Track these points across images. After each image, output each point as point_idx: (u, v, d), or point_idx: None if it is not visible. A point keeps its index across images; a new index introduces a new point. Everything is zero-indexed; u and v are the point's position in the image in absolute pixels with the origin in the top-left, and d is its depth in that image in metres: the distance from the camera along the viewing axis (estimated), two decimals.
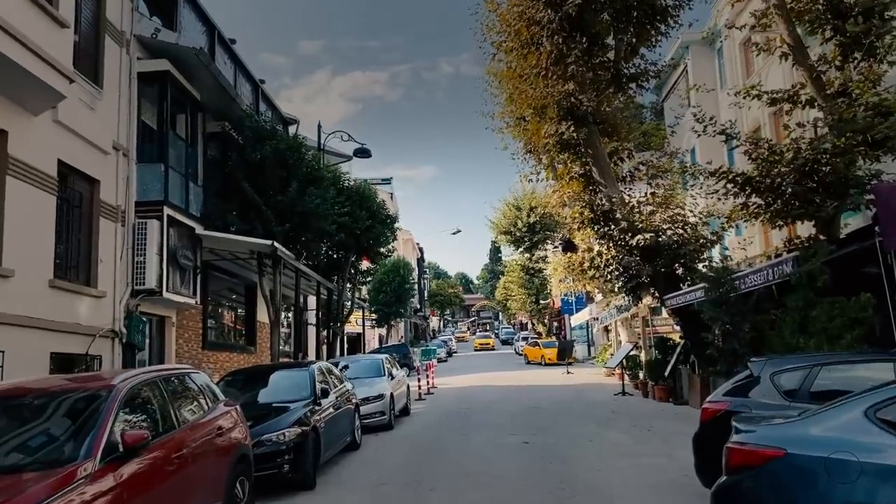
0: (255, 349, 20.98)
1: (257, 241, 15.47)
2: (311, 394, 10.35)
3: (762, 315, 10.33)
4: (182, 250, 14.75)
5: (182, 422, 6.11)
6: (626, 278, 19.14)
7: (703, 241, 18.17)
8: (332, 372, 12.38)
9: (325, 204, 17.12)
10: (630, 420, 15.10)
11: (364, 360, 17.93)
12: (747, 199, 14.13)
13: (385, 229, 23.37)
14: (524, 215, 58.18)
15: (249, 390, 10.96)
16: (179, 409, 6.25)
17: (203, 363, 17.34)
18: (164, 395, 6.07)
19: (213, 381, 11.83)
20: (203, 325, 17.40)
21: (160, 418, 5.84)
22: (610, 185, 18.62)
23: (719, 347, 8.70)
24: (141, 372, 6.12)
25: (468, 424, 15.08)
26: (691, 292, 16.26)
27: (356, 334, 42.17)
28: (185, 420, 6.22)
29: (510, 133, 33.03)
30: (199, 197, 16.27)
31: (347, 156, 28.68)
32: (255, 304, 20.71)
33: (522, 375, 32.65)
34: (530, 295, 60.39)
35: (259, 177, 16.29)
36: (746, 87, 14.25)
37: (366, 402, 14.28)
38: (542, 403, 19.12)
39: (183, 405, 6.41)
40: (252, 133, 16.60)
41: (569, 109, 18.15)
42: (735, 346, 8.18)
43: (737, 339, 8.22)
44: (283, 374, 11.40)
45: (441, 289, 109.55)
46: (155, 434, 5.49)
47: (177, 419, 6.02)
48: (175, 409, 6.12)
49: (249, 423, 8.88)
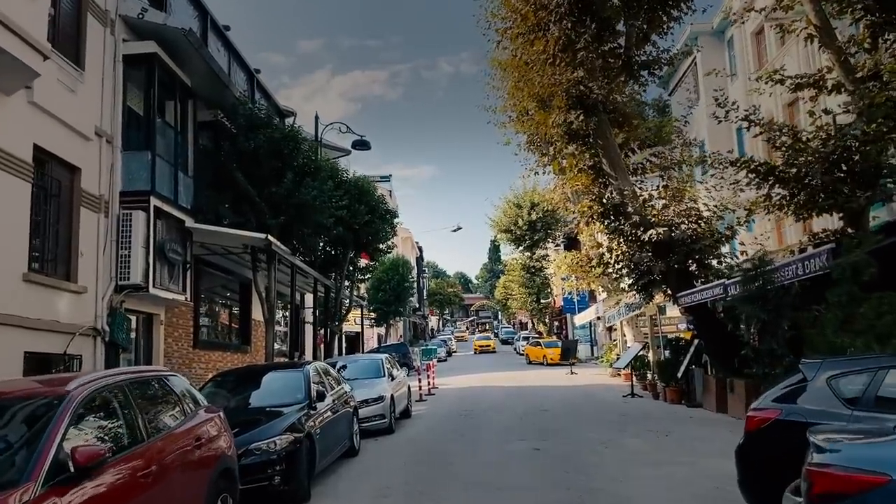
0: (250, 348, 20.14)
1: (250, 235, 14.64)
2: (305, 397, 9.52)
3: (802, 312, 9.49)
4: (170, 244, 13.90)
5: (153, 433, 5.28)
6: (636, 275, 18.33)
7: (719, 236, 17.35)
8: (328, 373, 11.55)
9: (322, 196, 16.27)
10: (644, 423, 14.28)
11: (363, 359, 17.09)
12: (770, 189, 13.33)
13: (385, 224, 22.47)
14: (525, 213, 57.34)
15: (239, 393, 10.15)
16: (150, 417, 5.43)
17: (194, 363, 16.53)
18: (132, 402, 5.23)
19: (203, 383, 11.04)
20: (194, 324, 16.55)
21: (126, 430, 5.00)
22: (621, 177, 17.80)
23: (755, 347, 7.91)
24: (103, 375, 5.27)
25: (474, 428, 14.26)
26: (707, 289, 15.48)
27: (355, 333, 41.33)
28: (158, 430, 5.39)
29: (513, 127, 32.44)
30: (190, 188, 15.42)
31: (346, 150, 27.83)
32: (250, 302, 19.87)
33: (525, 376, 31.84)
34: (531, 294, 59.57)
35: (253, 167, 15.45)
36: (768, 71, 13.43)
37: (365, 404, 13.46)
38: (549, 405, 18.29)
39: (155, 413, 5.59)
40: (245, 121, 15.75)
41: (578, 98, 17.32)
42: (773, 345, 7.40)
43: (775, 339, 7.46)
44: (276, 375, 10.57)
45: (440, 288, 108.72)
46: (118, 449, 4.67)
47: (146, 430, 5.19)
48: (145, 418, 5.29)
49: (237, 429, 8.07)
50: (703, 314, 17.57)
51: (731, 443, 11.91)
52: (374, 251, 23.41)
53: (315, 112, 22.88)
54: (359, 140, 21.24)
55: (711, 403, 16.53)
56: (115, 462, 4.49)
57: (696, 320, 17.86)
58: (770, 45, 22.88)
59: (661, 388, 19.70)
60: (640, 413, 16.27)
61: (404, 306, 54.65)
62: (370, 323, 49.58)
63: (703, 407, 16.98)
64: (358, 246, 22.35)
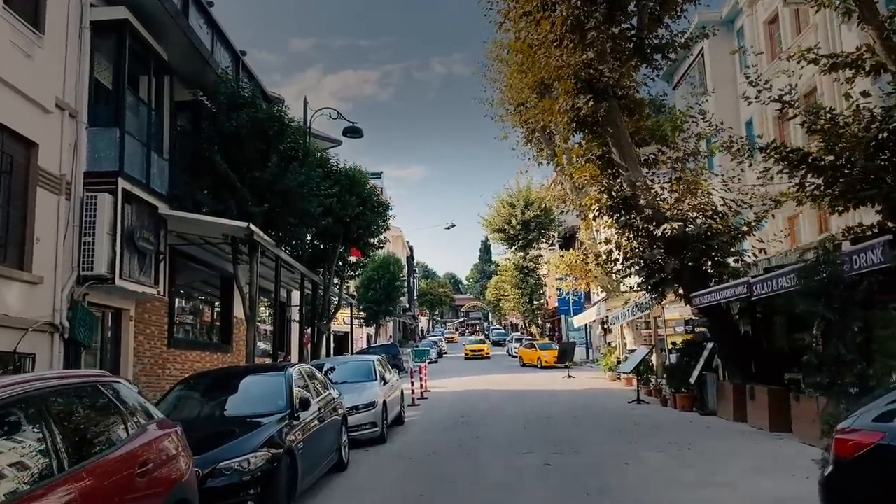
0: (231, 348, 18.78)
1: (231, 223, 13.30)
2: (286, 405, 8.23)
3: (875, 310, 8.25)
4: (141, 231, 12.56)
5: (80, 459, 3.99)
6: (647, 273, 17.11)
7: (737, 232, 16.16)
8: (314, 376, 10.25)
9: (310, 182, 14.95)
10: (660, 434, 13.06)
11: (353, 361, 15.77)
12: (802, 179, 12.14)
13: (377, 218, 21.11)
14: (519, 212, 56.20)
15: (212, 399, 8.84)
16: (78, 438, 4.13)
17: (168, 363, 15.18)
18: (51, 418, 3.93)
19: (174, 385, 9.70)
20: (169, 320, 15.20)
21: (37, 456, 3.71)
22: (632, 167, 16.58)
23: (819, 353, 6.78)
24: (11, 383, 3.95)
25: (474, 438, 12.98)
26: (727, 289, 14.28)
27: (343, 333, 40.01)
28: (87, 455, 4.10)
29: (511, 119, 31.31)
30: (164, 171, 14.09)
31: (336, 140, 26.50)
32: (232, 298, 18.49)
33: (520, 379, 30.62)
34: (524, 295, 58.44)
35: (234, 150, 14.13)
36: (801, 49, 12.24)
37: (354, 411, 12.17)
38: (552, 412, 17.06)
39: (85, 433, 4.30)
40: (227, 99, 14.42)
41: (587, 81, 16.07)
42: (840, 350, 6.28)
43: (843, 342, 6.36)
44: (254, 379, 9.27)
45: (431, 288, 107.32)
46: (26, 484, 3.37)
47: (69, 456, 3.89)
48: (69, 439, 4.00)
49: (205, 443, 6.80)
50: (719, 316, 16.39)
51: (764, 458, 10.81)
52: (365, 246, 22.05)
53: (304, 97, 21.47)
54: (350, 127, 19.93)
55: (728, 411, 15.34)
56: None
57: (711, 322, 16.67)
58: (785, 33, 21.78)
59: (668, 393, 18.49)
60: (651, 422, 15.06)
61: (395, 306, 53.37)
62: (359, 323, 48.26)
63: (718, 415, 15.79)
64: (348, 240, 21.02)
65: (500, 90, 31.64)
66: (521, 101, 29.94)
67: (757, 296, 12.70)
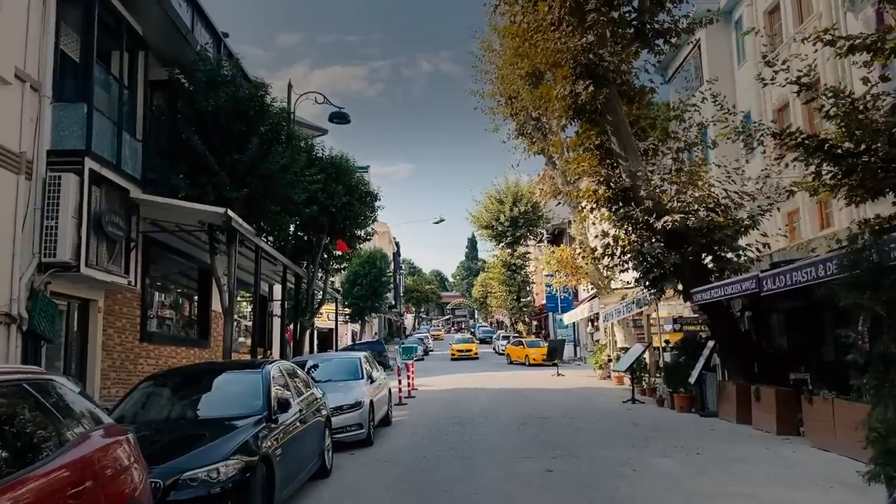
0: (209, 343, 17.87)
1: (206, 209, 12.40)
2: (263, 406, 7.38)
3: None
4: (110, 215, 11.65)
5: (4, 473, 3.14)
6: (645, 268, 16.38)
7: (740, 226, 15.45)
8: (296, 374, 9.39)
9: (293, 166, 14.05)
10: (663, 437, 12.33)
11: (338, 358, 14.89)
12: (818, 167, 11.42)
13: (364, 208, 20.20)
14: (507, 209, 55.49)
15: (181, 399, 7.96)
16: None
17: (141, 358, 14.27)
18: None
19: (139, 383, 8.80)
20: (142, 313, 14.28)
21: None
22: (632, 157, 15.84)
23: (865, 350, 6.13)
24: None
25: (467, 441, 12.16)
26: (733, 284, 13.55)
27: (328, 329, 39.11)
28: (13, 468, 3.25)
29: (502, 111, 30.52)
30: (137, 153, 13.17)
31: (322, 129, 25.61)
32: (211, 291, 17.55)
33: (509, 377, 29.87)
34: (511, 292, 57.73)
35: (212, 131, 13.22)
36: (817, 30, 11.52)
37: (339, 412, 11.33)
38: (546, 412, 16.31)
39: (10, 442, 3.44)
40: (206, 78, 13.50)
41: (586, 66, 15.31)
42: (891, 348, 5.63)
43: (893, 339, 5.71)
44: (229, 377, 8.38)
45: (418, 285, 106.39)
46: None
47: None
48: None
49: (170, 449, 5.97)
50: (720, 313, 15.71)
51: (779, 464, 9.94)
52: (352, 238, 21.12)
53: (289, 80, 20.51)
54: (336, 112, 19.00)
55: (730, 413, 14.66)
56: None
57: (712, 320, 15.99)
58: (786, 22, 21.09)
59: (665, 393, 17.79)
60: (651, 423, 14.33)
61: (381, 302, 52.43)
62: (344, 319, 47.35)
63: (719, 416, 15.11)
64: (333, 231, 20.10)
65: (491, 81, 30.91)
66: (512, 94, 29.23)
67: (767, 291, 11.96)
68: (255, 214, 14.14)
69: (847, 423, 10.43)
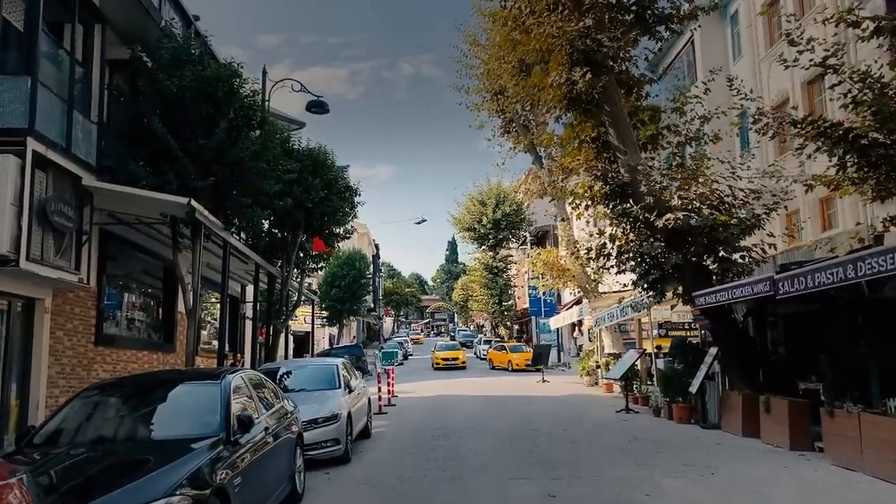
0: (174, 347, 16.56)
1: (168, 198, 11.14)
2: (221, 426, 6.18)
3: None
4: (57, 204, 10.38)
5: None
6: (644, 269, 15.35)
7: (745, 225, 14.48)
8: (263, 385, 8.19)
9: (265, 154, 12.84)
10: (668, 453, 11.27)
11: (313, 365, 13.62)
12: (840, 160, 10.47)
13: (343, 204, 18.97)
14: (490, 210, 54.46)
15: (124, 415, 6.73)
16: None
17: (96, 364, 12.97)
18: None
19: (74, 396, 7.52)
20: (97, 314, 12.97)
21: None
22: (631, 151, 14.83)
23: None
24: None
25: (455, 458, 10.99)
26: (741, 287, 12.54)
27: (304, 333, 37.77)
28: None
29: (487, 108, 29.49)
30: (92, 137, 11.89)
31: (300, 122, 24.43)
32: (177, 291, 16.26)
33: (493, 383, 28.81)
34: (493, 295, 56.68)
35: (176, 114, 11.98)
36: (840, 10, 10.58)
37: (313, 425, 10.13)
38: (537, 423, 15.22)
39: None
40: (170, 55, 12.26)
41: (584, 52, 14.27)
42: None
43: None
44: (182, 390, 7.13)
45: (397, 287, 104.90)
46: None
47: None
48: None
49: (101, 483, 4.80)
50: (723, 318, 14.75)
51: (804, 488, 8.46)
52: (330, 236, 19.87)
53: (263, 66, 19.23)
54: (314, 101, 17.76)
55: (735, 425, 13.67)
56: None
57: (714, 325, 15.04)
58: None
59: (662, 403, 16.77)
60: (651, 436, 13.28)
61: (359, 305, 51.10)
62: (321, 322, 45.99)
63: (722, 429, 14.12)
64: (310, 228, 18.84)
65: (476, 77, 29.85)
66: (499, 89, 28.19)
67: (784, 294, 10.95)
68: (222, 206, 12.90)
69: (877, 441, 9.44)
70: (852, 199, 17.28)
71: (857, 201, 16.85)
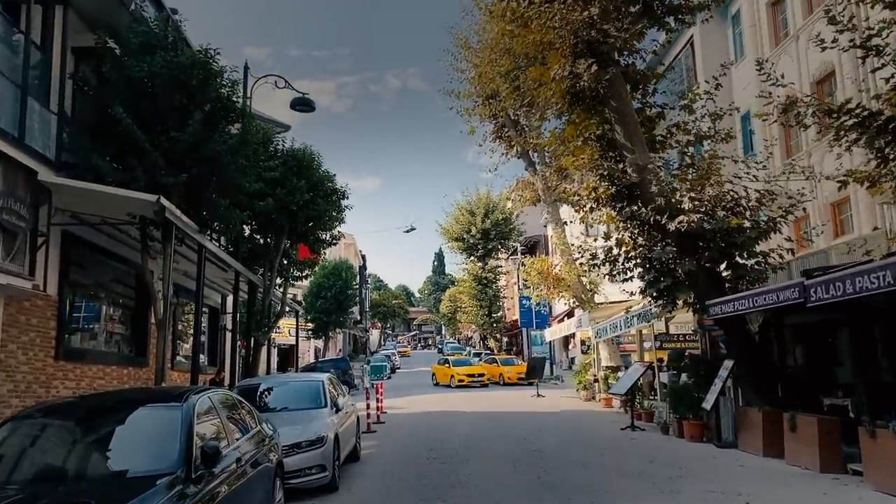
0: (147, 361, 15.29)
1: (134, 196, 9.97)
2: (180, 459, 5.03)
3: None
4: (7, 200, 9.22)
5: None
6: (654, 276, 14.30)
7: (762, 228, 13.50)
8: (236, 406, 7.04)
9: (244, 148, 11.70)
10: (693, 478, 10.19)
11: (296, 381, 12.38)
12: (881, 153, 9.49)
13: (330, 207, 17.78)
14: (479, 220, 53.53)
15: (66, 445, 5.55)
16: None
17: (56, 381, 11.72)
18: None
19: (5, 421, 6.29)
20: (58, 325, 11.73)
21: None
22: (639, 149, 13.83)
23: None
24: None
25: (454, 485, 9.82)
26: (765, 294, 11.52)
27: (289, 346, 36.50)
28: None
29: (479, 112, 28.52)
30: (50, 128, 10.74)
31: (284, 124, 23.28)
32: (150, 301, 15.07)
33: (486, 397, 27.68)
34: (482, 307, 55.60)
35: (146, 103, 10.84)
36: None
37: (296, 450, 8.96)
38: (539, 442, 14.10)
39: None
40: (140, 40, 11.12)
41: (588, 43, 13.29)
42: None
43: None
44: (137, 415, 5.93)
45: (384, 299, 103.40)
46: None
47: None
48: None
49: None
50: (739, 328, 13.73)
51: None
52: (315, 242, 18.68)
53: (245, 62, 18.12)
54: (299, 98, 16.65)
55: (754, 444, 12.63)
56: None
57: (729, 336, 14.00)
58: (794, 13, 19.35)
59: (671, 419, 15.71)
60: (666, 458, 12.20)
61: (346, 317, 49.81)
62: (307, 335, 44.68)
63: (740, 448, 13.09)
64: (294, 233, 17.66)
65: (468, 81, 28.92)
66: (491, 94, 27.26)
67: (815, 301, 9.94)
68: (198, 207, 11.74)
69: None
70: (868, 203, 16.40)
71: (874, 203, 16.02)
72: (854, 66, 16.01)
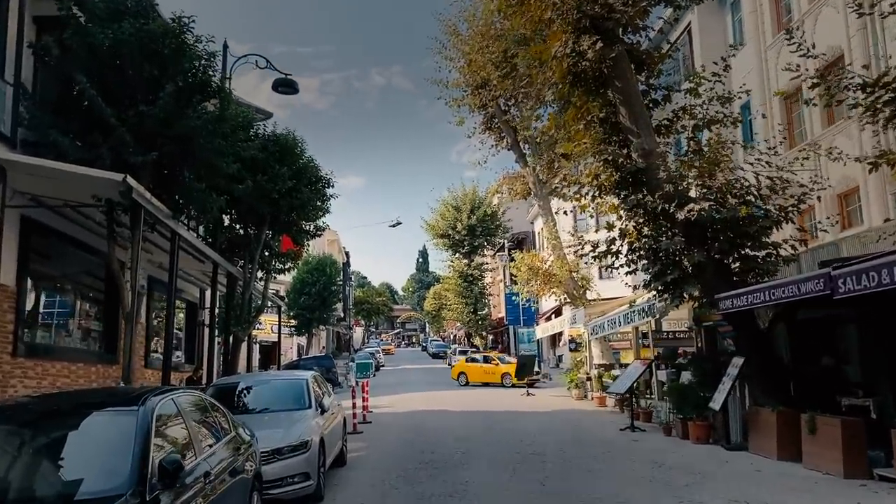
0: (117, 358, 14.28)
1: (96, 174, 8.98)
2: (133, 477, 4.09)
3: None
4: None
5: None
6: (660, 268, 13.49)
7: (775, 218, 12.73)
8: (207, 410, 6.10)
9: (221, 126, 10.72)
10: (708, 484, 9.38)
11: (278, 380, 11.40)
12: None
13: (314, 196, 16.77)
14: (464, 216, 52.63)
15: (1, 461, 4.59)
16: None
17: (15, 378, 10.75)
18: None
19: None
20: (16, 319, 10.74)
21: None
22: (645, 133, 13.02)
23: None
24: None
25: (450, 494, 8.91)
26: (783, 287, 10.71)
27: (271, 343, 35.46)
28: None
29: (469, 102, 27.64)
30: (7, 101, 9.74)
31: (266, 112, 22.22)
32: (119, 293, 14.05)
33: (474, 396, 26.83)
34: (468, 304, 54.75)
35: (112, 75, 9.86)
36: None
37: (277, 457, 8.03)
38: (537, 444, 13.27)
39: None
40: (105, 4, 10.12)
41: (592, 19, 12.46)
42: None
43: None
44: (89, 422, 4.97)
45: (368, 296, 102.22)
46: None
47: None
48: None
49: None
50: (748, 324, 12.96)
51: None
52: (299, 233, 17.69)
53: (224, 40, 17.14)
54: (281, 79, 15.66)
55: (767, 447, 11.86)
56: None
57: (738, 333, 13.22)
58: (799, 1, 18.62)
59: (674, 420, 14.94)
60: (675, 462, 11.39)
61: (329, 314, 48.75)
62: (290, 331, 43.60)
63: (750, 450, 12.31)
64: (277, 223, 16.67)
65: (457, 69, 28.04)
66: (481, 83, 26.40)
67: (844, 294, 9.15)
68: (170, 191, 10.76)
69: None
70: (878, 194, 15.74)
71: (886, 194, 15.35)
72: (864, 51, 15.34)
